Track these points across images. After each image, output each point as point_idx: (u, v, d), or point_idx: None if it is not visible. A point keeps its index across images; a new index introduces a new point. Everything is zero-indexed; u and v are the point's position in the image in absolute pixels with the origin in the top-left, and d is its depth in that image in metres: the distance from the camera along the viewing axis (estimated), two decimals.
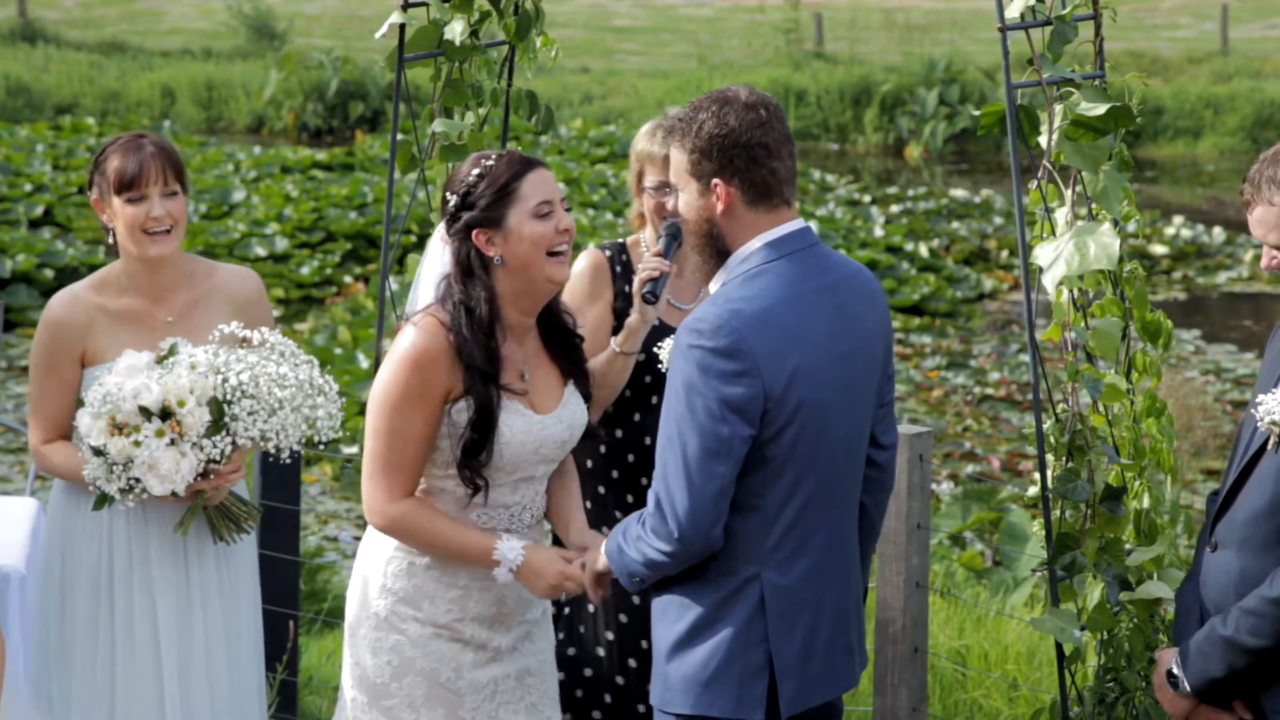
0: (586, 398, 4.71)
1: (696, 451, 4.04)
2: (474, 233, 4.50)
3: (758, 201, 4.17)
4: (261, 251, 18.33)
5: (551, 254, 4.51)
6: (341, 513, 11.81)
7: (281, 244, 18.43)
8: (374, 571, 4.62)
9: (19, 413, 13.50)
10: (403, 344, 4.49)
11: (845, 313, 4.19)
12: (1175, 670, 4.43)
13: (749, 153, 4.14)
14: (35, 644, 5.14)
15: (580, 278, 5.37)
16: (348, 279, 18.07)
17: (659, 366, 5.23)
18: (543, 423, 4.56)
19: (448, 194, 4.55)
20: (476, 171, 4.52)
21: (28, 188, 19.90)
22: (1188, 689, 4.40)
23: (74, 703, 5.05)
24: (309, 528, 11.46)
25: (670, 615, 4.20)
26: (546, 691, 4.74)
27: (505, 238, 4.50)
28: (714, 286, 4.23)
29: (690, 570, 4.15)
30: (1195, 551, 4.62)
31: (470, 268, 4.52)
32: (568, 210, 4.57)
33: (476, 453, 4.49)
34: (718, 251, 4.20)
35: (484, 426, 4.48)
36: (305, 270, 18.02)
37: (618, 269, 5.39)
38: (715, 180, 4.16)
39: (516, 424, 4.52)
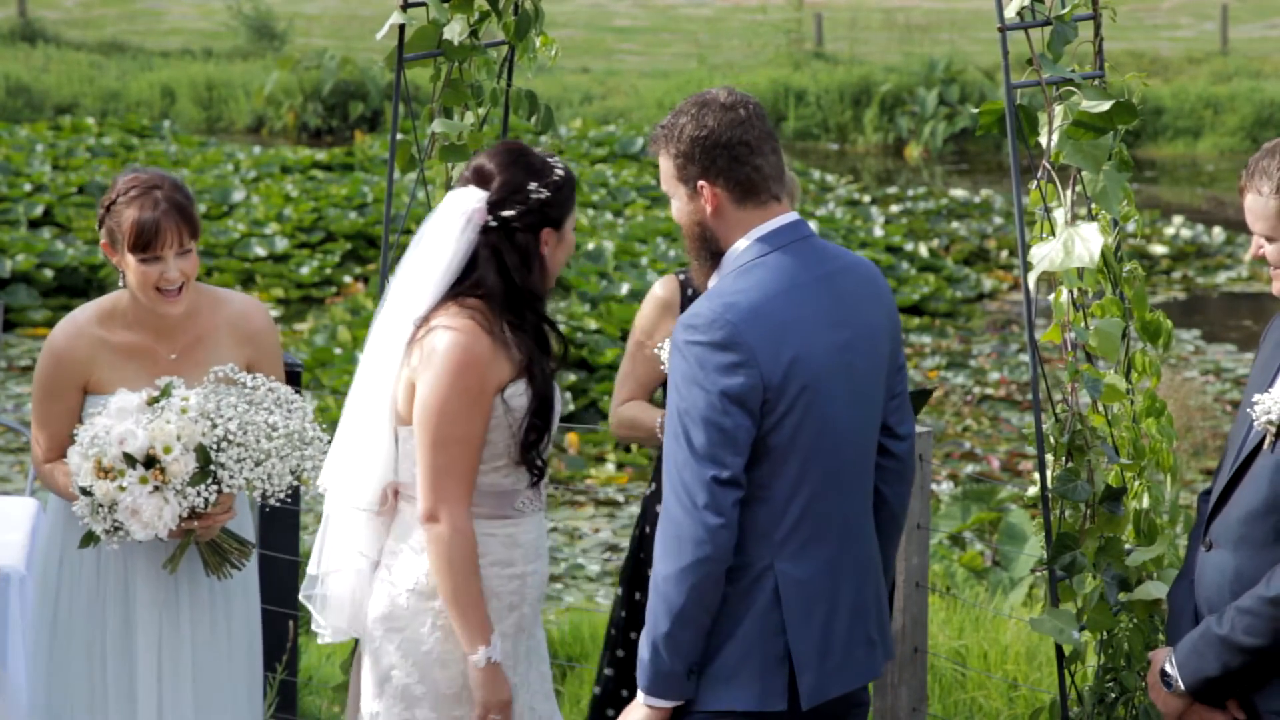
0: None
1: (703, 444, 4.04)
2: (544, 231, 4.51)
3: (745, 199, 4.17)
4: (261, 251, 18.32)
5: None
6: None
7: (281, 244, 18.42)
8: (426, 587, 4.50)
9: (19, 413, 13.49)
10: (445, 348, 4.43)
11: (844, 302, 4.19)
12: (1169, 669, 4.43)
13: (730, 152, 4.15)
14: (32, 646, 5.14)
15: (651, 307, 5.44)
16: (347, 279, 18.06)
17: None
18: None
19: (531, 184, 4.49)
20: (561, 173, 4.52)
21: (28, 188, 19.88)
22: (1182, 688, 4.40)
23: (74, 706, 5.05)
24: (309, 527, 11.44)
25: None
26: (550, 678, 4.74)
27: (558, 242, 4.55)
28: (712, 286, 4.23)
29: None
30: (1187, 551, 4.61)
31: (530, 261, 4.51)
32: None
33: (539, 440, 4.49)
34: (712, 253, 4.21)
35: (545, 412, 4.49)
36: (305, 270, 18.01)
37: (689, 292, 5.42)
38: (701, 182, 4.17)
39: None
